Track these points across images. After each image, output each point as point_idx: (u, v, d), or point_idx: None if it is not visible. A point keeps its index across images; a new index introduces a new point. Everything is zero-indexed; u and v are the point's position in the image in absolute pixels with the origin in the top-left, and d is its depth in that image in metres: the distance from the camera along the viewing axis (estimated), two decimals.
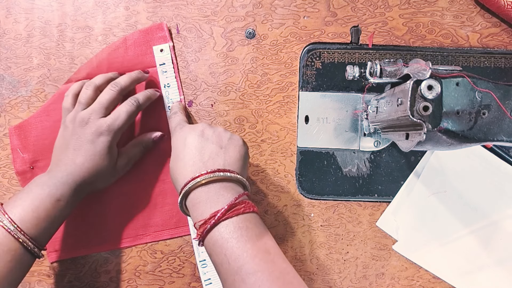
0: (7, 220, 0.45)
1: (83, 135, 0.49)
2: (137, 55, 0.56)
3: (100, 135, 0.49)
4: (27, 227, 0.45)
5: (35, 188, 0.47)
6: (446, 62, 0.56)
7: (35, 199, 0.47)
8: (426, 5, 0.56)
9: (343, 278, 0.57)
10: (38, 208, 0.46)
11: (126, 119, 0.51)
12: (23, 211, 0.46)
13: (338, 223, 0.56)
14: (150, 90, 0.55)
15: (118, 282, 0.57)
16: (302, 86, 0.57)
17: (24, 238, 0.45)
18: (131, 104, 0.51)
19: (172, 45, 0.56)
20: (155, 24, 0.56)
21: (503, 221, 0.55)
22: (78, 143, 0.49)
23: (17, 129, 0.56)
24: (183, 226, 0.56)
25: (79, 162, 0.49)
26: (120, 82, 0.52)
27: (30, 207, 0.46)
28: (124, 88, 0.52)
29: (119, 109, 0.51)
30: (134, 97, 0.52)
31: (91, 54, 0.57)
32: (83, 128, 0.50)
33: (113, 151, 0.51)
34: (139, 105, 0.52)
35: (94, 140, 0.49)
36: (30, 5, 0.57)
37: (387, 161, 0.56)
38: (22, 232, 0.45)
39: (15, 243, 0.45)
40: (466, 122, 0.40)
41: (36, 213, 0.46)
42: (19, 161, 0.56)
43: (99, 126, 0.49)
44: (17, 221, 0.45)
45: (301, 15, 0.56)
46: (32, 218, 0.46)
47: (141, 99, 0.53)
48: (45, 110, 0.56)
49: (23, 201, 0.46)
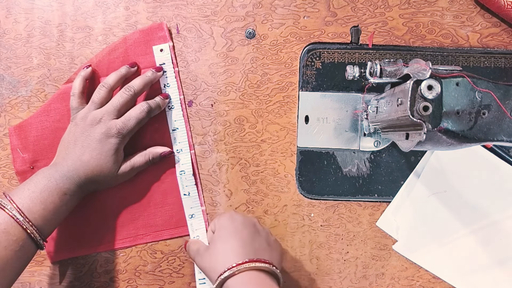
0: (15, 210, 0.45)
1: (92, 133, 0.50)
2: (137, 55, 0.56)
3: (109, 136, 0.50)
4: (35, 218, 0.46)
5: (43, 180, 0.48)
6: (446, 62, 0.56)
7: (43, 190, 0.47)
8: (426, 5, 0.56)
9: (343, 278, 0.57)
10: (46, 200, 0.47)
11: (135, 124, 0.52)
12: (31, 202, 0.46)
13: (338, 223, 0.56)
14: (161, 99, 0.55)
15: (118, 282, 0.57)
16: (302, 86, 0.57)
17: (32, 229, 0.46)
18: (142, 110, 0.52)
19: (172, 45, 0.56)
20: (155, 24, 0.56)
21: (503, 221, 0.55)
22: (87, 140, 0.50)
23: (17, 129, 0.56)
24: (183, 226, 0.56)
25: (85, 159, 0.50)
26: (133, 85, 0.53)
27: (38, 199, 0.47)
28: (137, 91, 0.53)
29: (130, 114, 0.52)
30: (146, 103, 0.53)
31: (91, 54, 0.57)
32: (94, 127, 0.50)
33: (119, 154, 0.52)
34: (150, 111, 0.53)
35: (103, 140, 0.50)
36: (30, 5, 0.57)
37: (387, 161, 0.56)
38: (30, 223, 0.46)
39: (22, 233, 0.45)
40: (466, 122, 0.40)
41: (44, 204, 0.47)
42: (19, 161, 0.56)
43: (109, 127, 0.50)
44: (25, 211, 0.46)
45: (301, 15, 0.56)
46: (40, 210, 0.47)
47: (153, 106, 0.53)
48: (45, 110, 0.56)
49: (31, 192, 0.47)
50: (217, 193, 0.57)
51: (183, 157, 0.56)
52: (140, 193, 0.56)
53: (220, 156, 0.57)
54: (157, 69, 0.55)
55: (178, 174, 0.56)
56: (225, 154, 0.57)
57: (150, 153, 0.54)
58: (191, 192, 0.56)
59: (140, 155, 0.54)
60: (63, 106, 0.56)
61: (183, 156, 0.56)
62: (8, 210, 0.45)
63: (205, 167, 0.57)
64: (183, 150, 0.56)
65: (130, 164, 0.53)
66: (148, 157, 0.54)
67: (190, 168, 0.56)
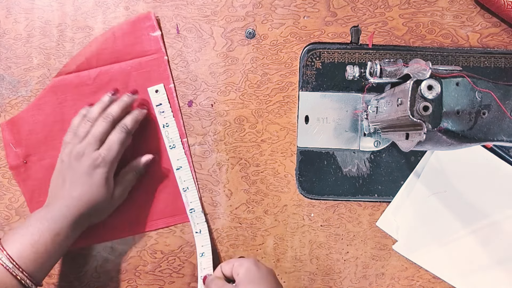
0: (5, 257, 0.45)
1: (79, 168, 0.50)
2: (126, 46, 0.56)
3: (96, 167, 0.50)
4: (25, 263, 0.45)
5: (34, 223, 0.48)
6: (446, 62, 0.56)
7: (34, 233, 0.47)
8: (426, 5, 0.56)
9: (343, 278, 0.57)
10: (37, 242, 0.46)
11: (118, 148, 0.51)
12: (21, 246, 0.46)
13: (338, 223, 0.56)
14: (136, 111, 0.54)
15: (118, 282, 0.57)
16: (302, 86, 0.57)
17: (22, 275, 0.45)
18: (121, 131, 0.51)
19: (161, 34, 0.56)
20: (142, 14, 0.56)
21: (503, 221, 0.55)
22: (75, 176, 0.50)
23: (9, 124, 0.56)
24: (180, 215, 0.56)
25: (76, 195, 0.49)
26: (111, 112, 0.52)
27: (29, 242, 0.46)
28: (116, 117, 0.52)
29: (110, 139, 0.51)
30: (123, 123, 0.52)
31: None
32: (79, 161, 0.50)
33: (110, 182, 0.51)
34: (129, 130, 0.52)
35: (91, 173, 0.50)
36: (30, 5, 0.57)
37: (387, 161, 0.56)
38: (20, 269, 0.45)
39: (13, 280, 0.45)
40: (466, 122, 0.40)
41: (35, 247, 0.46)
42: (12, 156, 0.56)
43: (94, 158, 0.50)
44: (15, 257, 0.45)
45: (301, 15, 0.56)
46: (31, 253, 0.46)
47: (130, 124, 0.52)
48: (37, 105, 0.56)
49: (22, 236, 0.46)
50: (217, 193, 0.57)
51: (190, 195, 0.56)
52: (136, 186, 0.56)
53: (220, 156, 0.57)
54: (131, 92, 0.54)
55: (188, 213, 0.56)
56: (225, 154, 0.57)
57: (133, 167, 0.54)
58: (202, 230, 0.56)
59: (125, 173, 0.54)
60: (54, 99, 0.56)
61: (190, 194, 0.56)
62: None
63: (205, 167, 0.57)
64: (190, 188, 0.56)
65: (121, 187, 0.53)
66: (133, 172, 0.54)
67: (199, 207, 0.56)
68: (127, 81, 0.56)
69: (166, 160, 0.56)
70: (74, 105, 0.56)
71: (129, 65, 0.56)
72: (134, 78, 0.56)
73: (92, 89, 0.56)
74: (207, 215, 0.57)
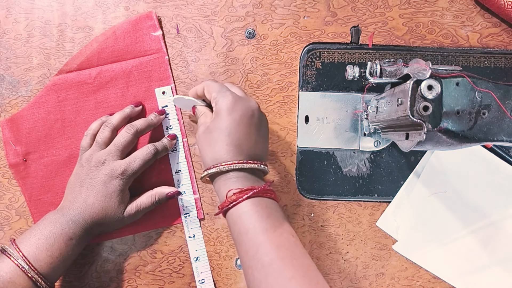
0: (21, 258, 0.46)
1: (97, 175, 0.50)
2: (127, 45, 0.56)
3: (113, 178, 0.50)
4: (41, 266, 0.47)
5: (49, 225, 0.48)
6: (446, 62, 0.56)
7: (49, 237, 0.48)
8: (426, 5, 0.56)
9: (343, 278, 0.57)
10: (52, 246, 0.47)
11: (141, 165, 0.51)
12: (37, 249, 0.47)
13: (338, 223, 0.56)
14: (168, 140, 0.55)
15: (118, 282, 0.57)
16: (302, 86, 0.57)
17: (37, 277, 0.46)
18: (149, 152, 0.52)
19: (162, 33, 0.56)
20: (144, 14, 0.56)
21: (503, 221, 0.55)
22: (92, 183, 0.50)
23: (9, 122, 0.56)
24: (180, 215, 0.56)
25: (90, 202, 0.50)
26: (136, 125, 0.52)
27: (44, 245, 0.47)
28: (139, 130, 0.53)
29: (136, 155, 0.51)
30: (153, 145, 0.53)
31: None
32: (98, 168, 0.50)
33: (124, 195, 0.51)
34: (156, 153, 0.53)
35: (107, 182, 0.50)
36: (30, 5, 0.57)
37: (387, 161, 0.56)
38: (36, 271, 0.46)
39: (28, 282, 0.46)
40: (466, 122, 0.40)
41: (50, 251, 0.47)
42: (11, 154, 0.56)
43: (113, 169, 0.50)
44: (31, 259, 0.46)
45: (301, 15, 0.56)
46: (46, 257, 0.47)
47: (159, 148, 0.53)
48: (37, 103, 0.56)
49: (37, 239, 0.47)
50: None
51: (186, 199, 0.56)
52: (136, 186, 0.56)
53: None
54: (159, 112, 0.55)
55: (183, 217, 0.56)
56: None
57: (156, 194, 0.54)
58: (196, 235, 0.56)
59: (146, 196, 0.53)
60: (54, 98, 0.56)
61: (186, 198, 0.56)
62: (14, 259, 0.46)
63: None
64: (187, 193, 0.56)
65: (136, 205, 0.52)
66: (154, 198, 0.53)
67: (194, 213, 0.56)
68: (128, 80, 0.56)
69: (166, 161, 0.56)
70: (75, 104, 0.56)
71: (130, 65, 0.56)
72: (134, 77, 0.56)
73: (92, 88, 0.56)
74: (207, 214, 0.57)
